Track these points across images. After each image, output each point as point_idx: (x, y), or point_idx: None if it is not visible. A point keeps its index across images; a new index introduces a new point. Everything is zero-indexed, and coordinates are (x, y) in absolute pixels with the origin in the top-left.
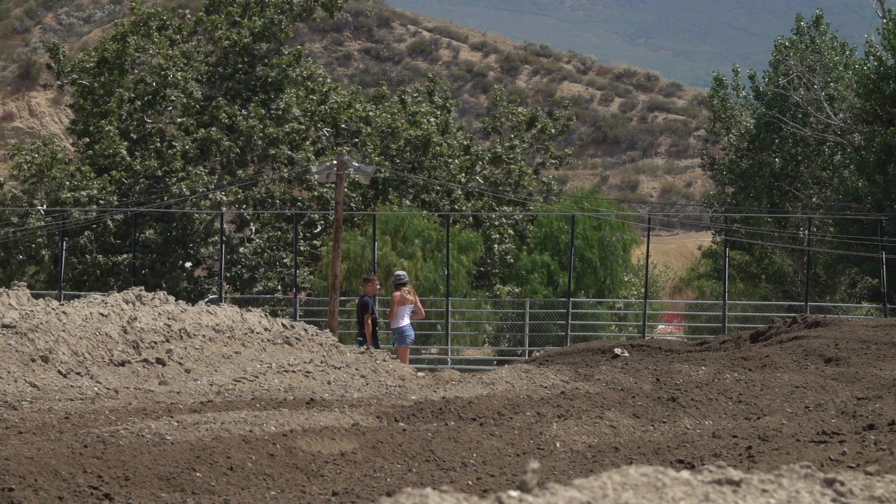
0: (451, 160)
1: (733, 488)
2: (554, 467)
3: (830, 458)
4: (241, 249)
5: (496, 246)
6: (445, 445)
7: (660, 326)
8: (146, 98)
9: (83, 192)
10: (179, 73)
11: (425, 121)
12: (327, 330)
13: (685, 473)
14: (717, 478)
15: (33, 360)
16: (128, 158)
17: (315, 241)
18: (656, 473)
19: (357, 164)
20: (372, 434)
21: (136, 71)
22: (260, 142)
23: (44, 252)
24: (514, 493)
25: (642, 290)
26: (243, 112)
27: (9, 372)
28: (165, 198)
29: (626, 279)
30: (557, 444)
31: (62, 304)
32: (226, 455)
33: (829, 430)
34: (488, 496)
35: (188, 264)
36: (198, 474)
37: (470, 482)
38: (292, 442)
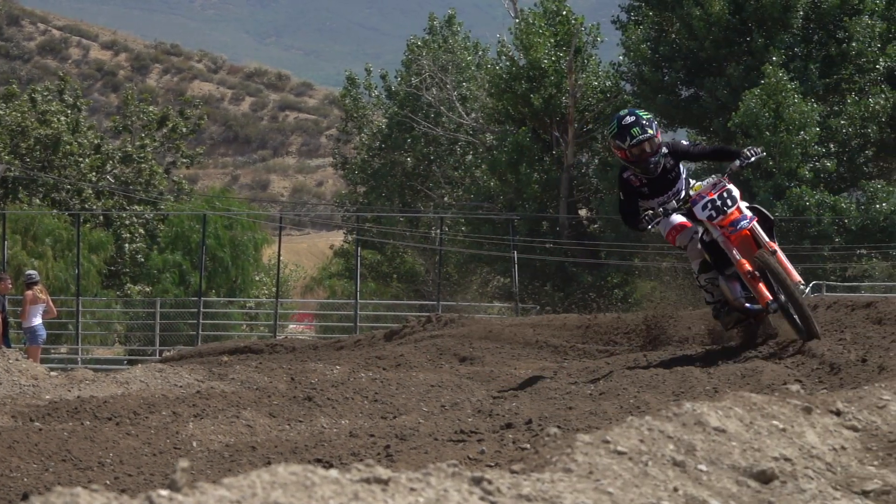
0: (81, 159)
1: (382, 486)
2: (192, 466)
3: (469, 457)
4: None
5: (127, 245)
6: (82, 445)
7: (291, 326)
8: None
9: None
10: None
11: (55, 119)
12: None
13: (334, 472)
14: (365, 476)
15: None
16: None
17: None
18: (305, 472)
19: None
20: (7, 434)
21: None
22: None
23: None
24: (164, 493)
25: (273, 289)
26: None
27: None
28: None
29: (257, 278)
30: (194, 444)
31: None
32: None
33: (466, 429)
34: (138, 495)
35: None
36: None
37: (108, 481)
38: None
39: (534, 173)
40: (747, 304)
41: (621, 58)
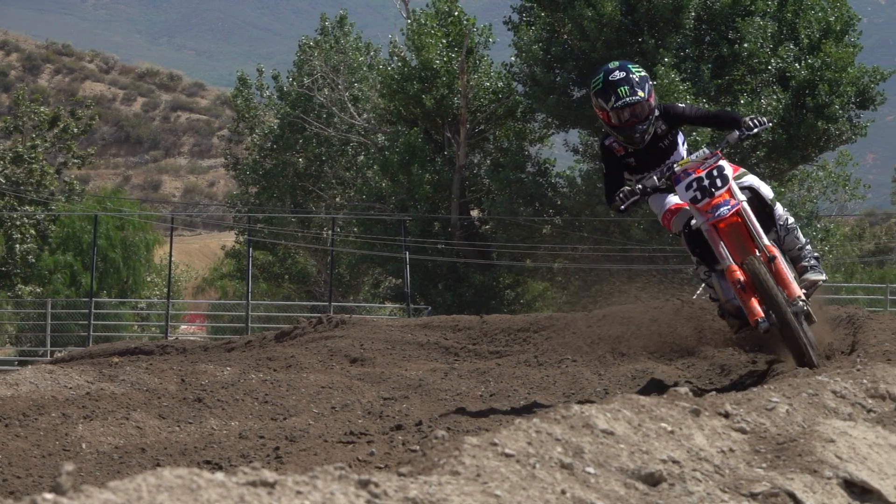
0: None
1: (268, 490)
2: (81, 468)
3: (359, 459)
4: None
5: (18, 246)
6: None
7: (182, 326)
8: None
9: None
10: None
11: None
12: None
13: (220, 475)
14: (251, 479)
15: None
16: None
17: None
18: (191, 475)
19: None
20: None
21: None
22: None
23: None
24: (48, 496)
25: (165, 289)
26: None
27: None
28: None
29: (148, 279)
30: (84, 446)
31: None
32: None
33: (356, 430)
34: (23, 498)
35: None
36: None
37: None
38: None
39: (426, 174)
40: (738, 303)
41: (513, 59)
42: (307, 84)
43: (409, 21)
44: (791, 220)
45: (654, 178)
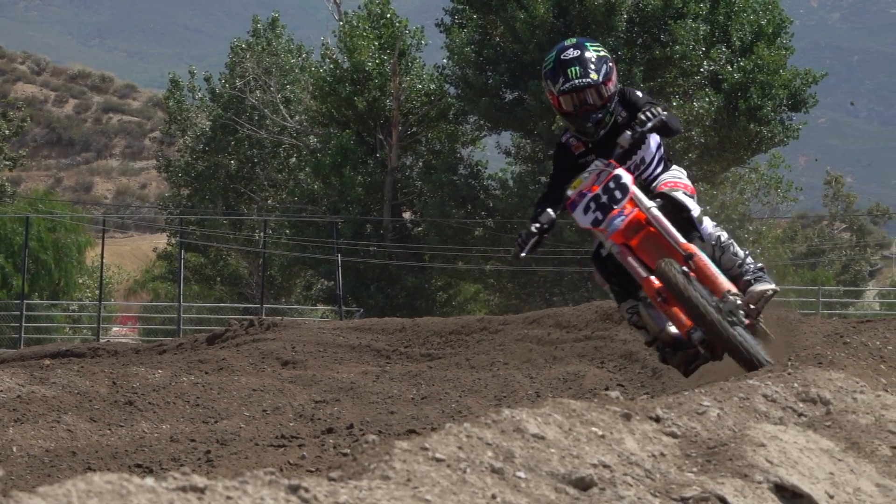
0: None
1: (198, 495)
2: (12, 472)
3: (290, 463)
4: None
5: None
6: None
7: (114, 329)
8: None
9: None
10: None
11: None
12: None
13: (150, 481)
14: (181, 485)
15: None
16: None
17: None
18: (121, 481)
19: None
20: None
21: None
22: None
23: None
24: None
25: (97, 291)
26: None
27: None
28: None
29: (80, 281)
30: (14, 449)
31: None
32: None
33: (287, 433)
34: None
35: None
36: None
37: None
38: None
39: (358, 176)
40: (675, 331)
41: (445, 61)
42: (239, 86)
43: (341, 23)
44: (724, 235)
45: (550, 211)
